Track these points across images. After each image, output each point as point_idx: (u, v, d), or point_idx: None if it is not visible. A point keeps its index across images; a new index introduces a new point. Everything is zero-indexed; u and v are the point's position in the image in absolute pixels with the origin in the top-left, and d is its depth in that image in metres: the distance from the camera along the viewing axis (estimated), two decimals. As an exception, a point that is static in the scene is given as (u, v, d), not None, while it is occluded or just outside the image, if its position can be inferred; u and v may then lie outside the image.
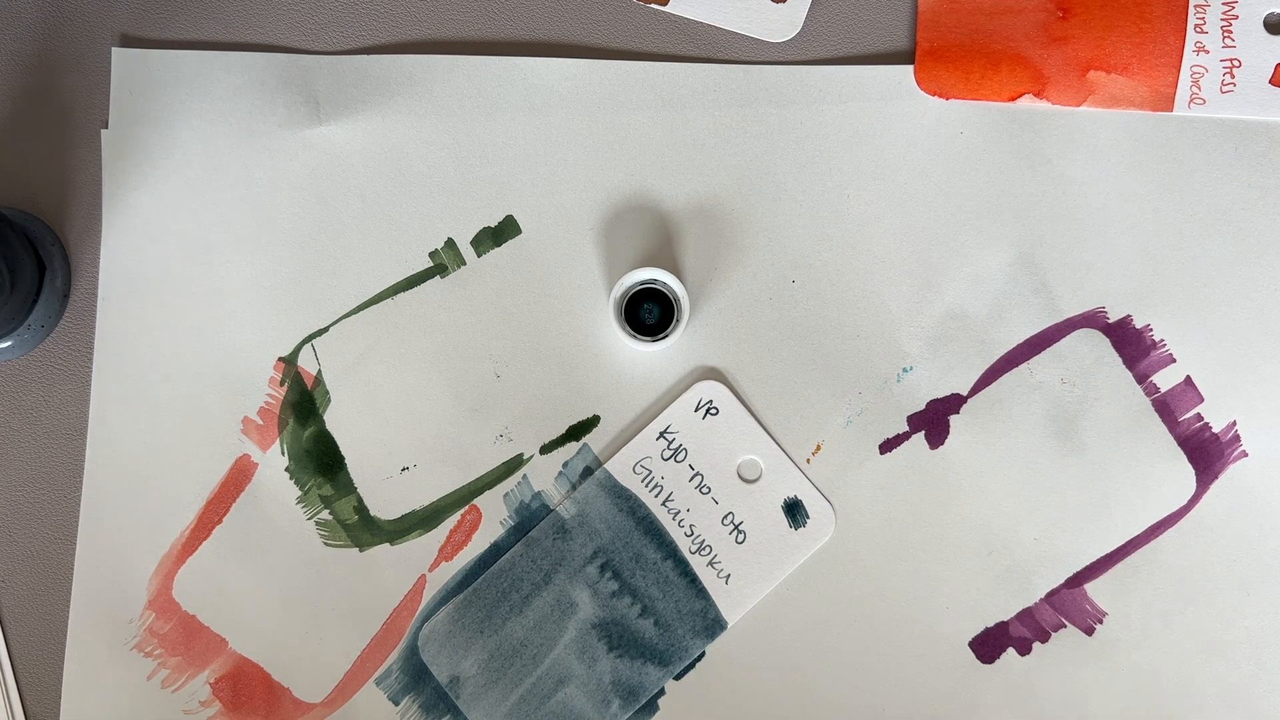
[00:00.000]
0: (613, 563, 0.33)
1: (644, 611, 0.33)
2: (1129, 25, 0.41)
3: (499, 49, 0.42)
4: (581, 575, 0.34)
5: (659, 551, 0.33)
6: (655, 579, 0.33)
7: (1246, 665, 0.40)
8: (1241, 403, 0.41)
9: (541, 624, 0.35)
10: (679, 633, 0.34)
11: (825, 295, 0.41)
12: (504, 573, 0.35)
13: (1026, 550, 0.41)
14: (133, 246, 0.41)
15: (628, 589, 0.33)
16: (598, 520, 0.33)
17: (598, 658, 0.34)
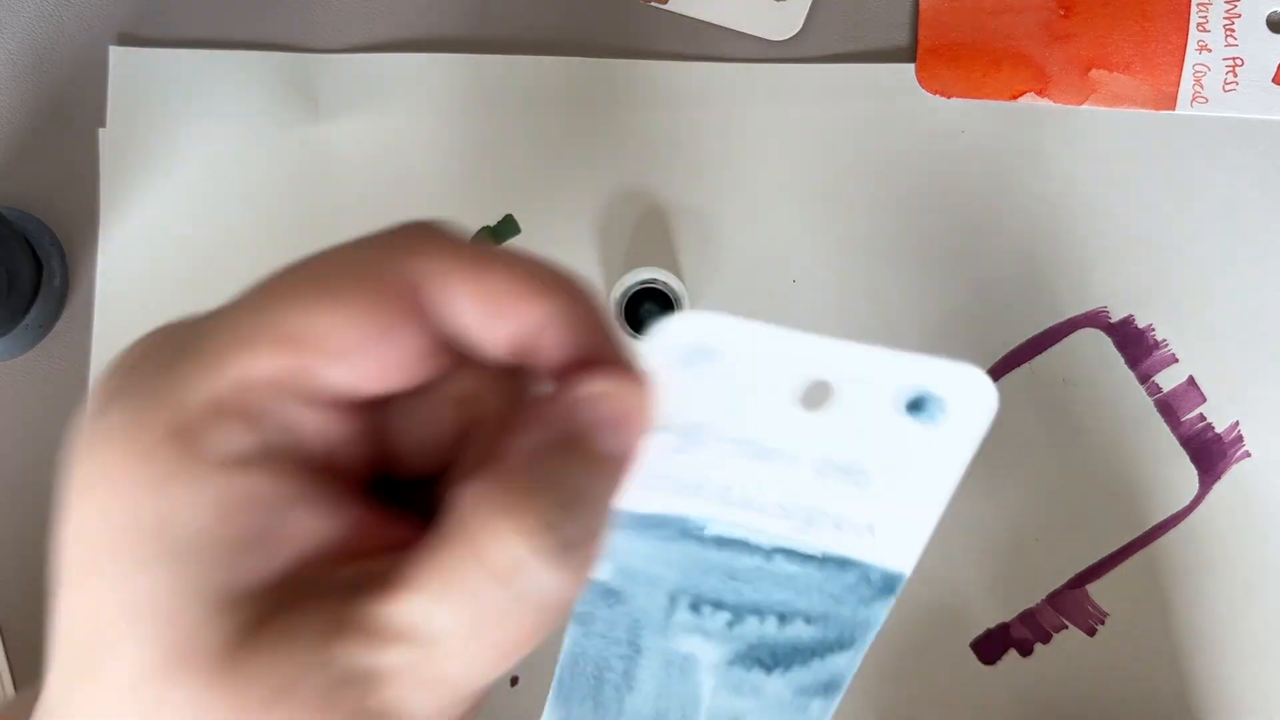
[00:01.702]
0: (703, 595, 0.24)
1: (783, 619, 0.25)
2: (1131, 24, 0.41)
3: (498, 48, 0.42)
4: (674, 625, 0.25)
5: (754, 556, 0.24)
6: (771, 583, 0.24)
7: (1249, 666, 0.40)
8: (1244, 403, 0.41)
9: (667, 689, 0.26)
10: (845, 613, 0.25)
11: (826, 295, 0.41)
12: (578, 660, 0.26)
13: (1028, 551, 0.41)
14: (130, 245, 0.41)
15: (745, 610, 0.25)
16: (649, 565, 0.24)
17: (761, 685, 0.26)
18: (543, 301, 0.20)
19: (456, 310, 0.20)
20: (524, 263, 0.21)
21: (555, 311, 0.20)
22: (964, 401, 0.20)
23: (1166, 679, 0.40)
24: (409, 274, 0.20)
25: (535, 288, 0.20)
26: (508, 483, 0.19)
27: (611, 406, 0.20)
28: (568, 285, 0.21)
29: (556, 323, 0.20)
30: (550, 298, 0.20)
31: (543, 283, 0.21)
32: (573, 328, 0.21)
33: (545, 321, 0.20)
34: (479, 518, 0.19)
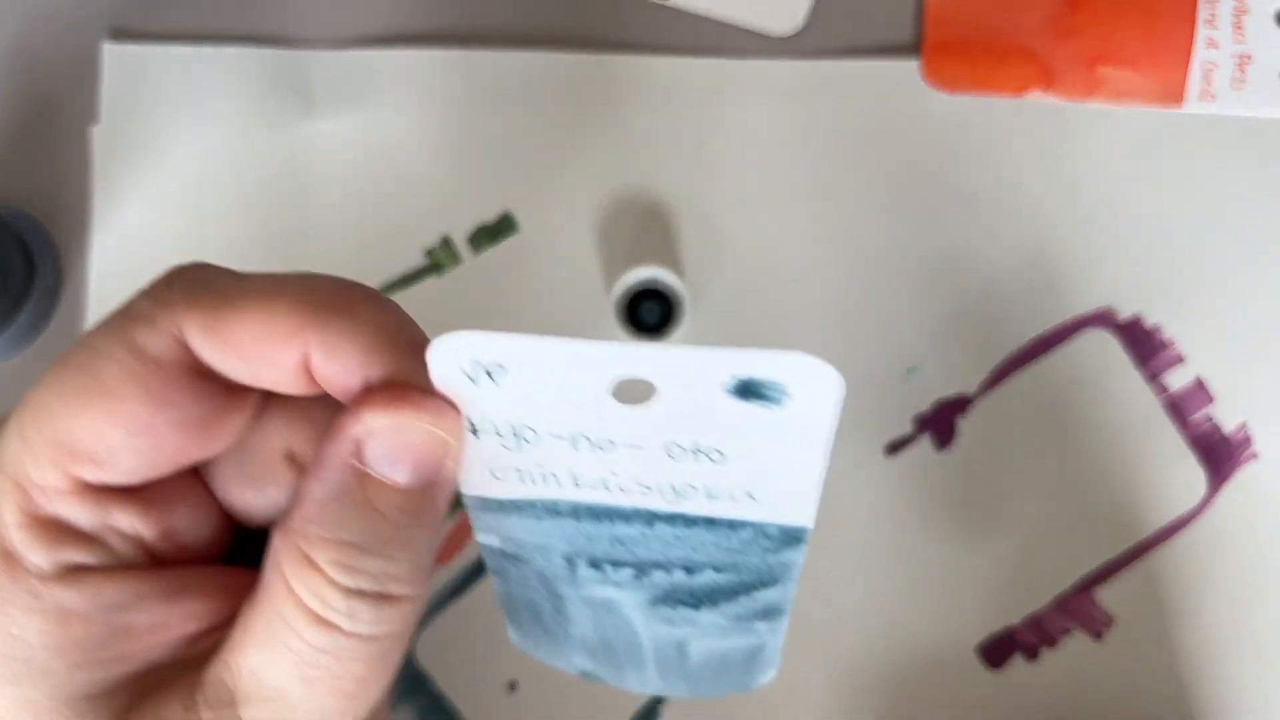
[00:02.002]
0: (598, 558, 0.23)
1: (690, 571, 0.23)
2: (1138, 19, 0.41)
3: (496, 43, 0.42)
4: (581, 580, 0.24)
5: (633, 525, 0.22)
6: (662, 544, 0.22)
7: (1258, 670, 0.40)
8: (1252, 403, 0.41)
9: (601, 622, 0.26)
10: (754, 561, 0.23)
11: (828, 294, 0.41)
12: (511, 599, 0.26)
13: (1034, 553, 0.40)
14: (124, 243, 0.41)
15: (647, 565, 0.23)
16: (533, 537, 0.23)
17: (693, 618, 0.25)
18: (298, 338, 0.20)
19: (221, 365, 0.20)
20: (272, 298, 0.20)
21: (322, 344, 0.20)
22: (804, 386, 0.19)
23: (1174, 683, 0.40)
24: (164, 341, 0.20)
25: (286, 327, 0.20)
26: (303, 530, 0.19)
27: (390, 439, 0.19)
28: (330, 307, 0.20)
29: (327, 354, 0.20)
30: (311, 331, 0.20)
31: (294, 318, 0.20)
32: (347, 353, 0.20)
33: (312, 356, 0.20)
34: (286, 567, 0.19)
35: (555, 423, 0.20)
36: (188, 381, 0.20)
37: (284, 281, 0.20)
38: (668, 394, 0.19)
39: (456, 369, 0.20)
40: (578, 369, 0.19)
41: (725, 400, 0.19)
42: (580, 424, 0.20)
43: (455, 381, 0.20)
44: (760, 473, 0.21)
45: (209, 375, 0.20)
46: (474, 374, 0.20)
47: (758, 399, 0.19)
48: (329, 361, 0.20)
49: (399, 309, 0.21)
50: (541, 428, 0.20)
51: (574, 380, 0.19)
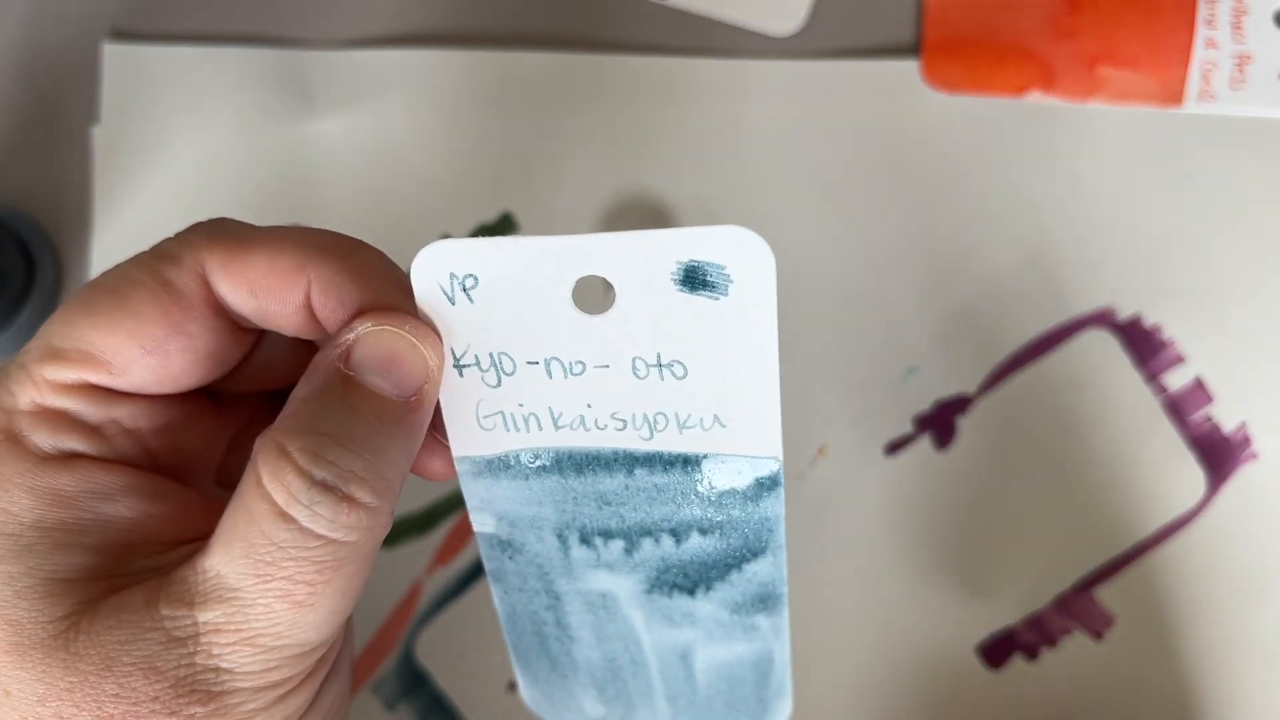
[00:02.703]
0: (588, 527, 0.24)
1: (676, 536, 0.24)
2: (1138, 19, 0.41)
3: (496, 43, 0.42)
4: (575, 564, 0.25)
5: (615, 475, 0.23)
6: (645, 500, 0.23)
7: (1259, 670, 0.40)
8: (1252, 403, 0.41)
9: (603, 631, 0.26)
10: (736, 515, 0.24)
11: (829, 294, 0.41)
12: (514, 619, 0.27)
13: (1034, 554, 0.40)
14: (124, 244, 0.41)
15: (634, 533, 0.24)
16: (524, 508, 0.24)
17: (691, 610, 0.25)
18: (302, 274, 0.22)
19: (234, 300, 0.22)
20: (280, 241, 0.22)
21: (320, 279, 0.22)
22: (742, 263, 0.20)
23: (1174, 683, 0.40)
24: (187, 276, 0.22)
25: (292, 264, 0.22)
26: (282, 424, 0.20)
27: (375, 344, 0.21)
28: (329, 250, 0.22)
29: (325, 288, 0.22)
30: (312, 267, 0.22)
31: (298, 256, 0.22)
32: (342, 287, 0.22)
33: (312, 290, 0.22)
34: (259, 457, 0.20)
35: (528, 343, 0.22)
36: (202, 314, 0.22)
37: (290, 229, 0.22)
38: (624, 294, 0.21)
39: (436, 285, 0.21)
40: (539, 264, 0.21)
41: (676, 297, 0.21)
42: (550, 342, 0.21)
43: (435, 300, 0.21)
44: (719, 384, 0.22)
45: (221, 313, 0.22)
46: (451, 291, 0.21)
47: (704, 288, 0.20)
48: (327, 296, 0.22)
49: (387, 257, 0.23)
50: (517, 352, 0.22)
51: (537, 280, 0.21)
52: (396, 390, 0.21)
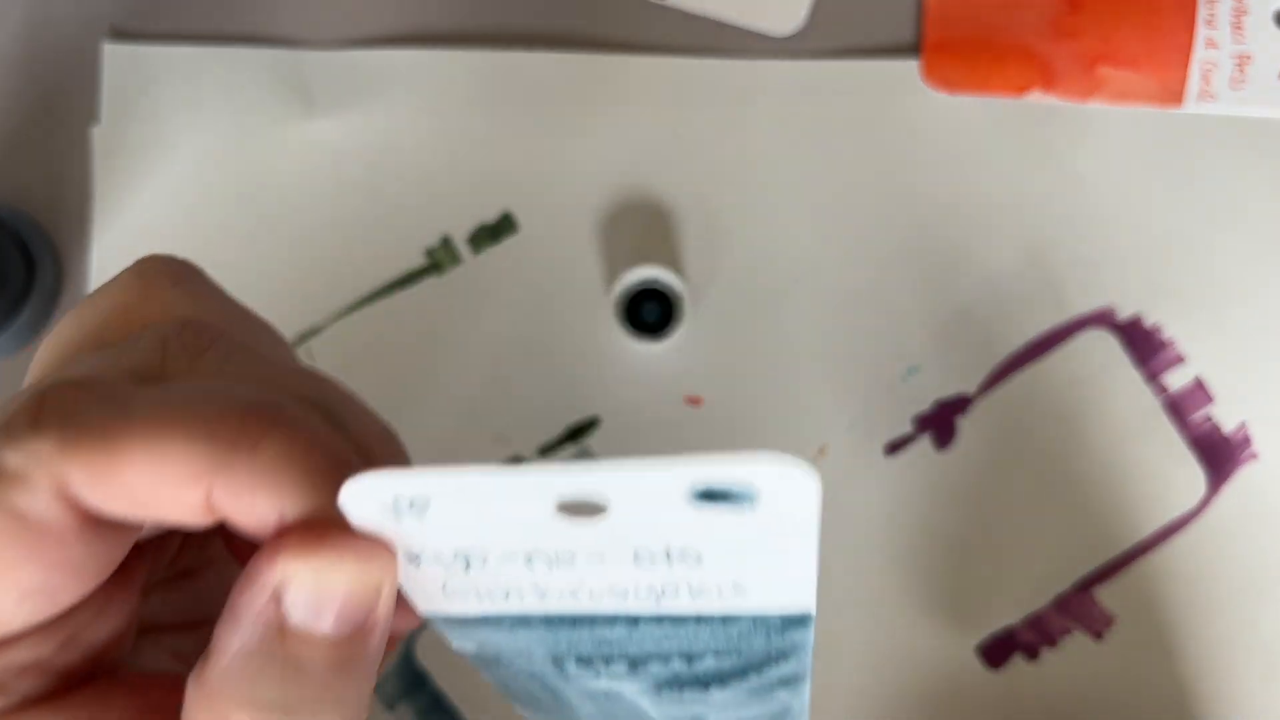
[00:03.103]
0: (586, 656, 0.20)
1: (689, 659, 0.21)
2: (1138, 19, 0.41)
3: (496, 43, 0.42)
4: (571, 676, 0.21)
5: (615, 628, 0.19)
6: (652, 641, 0.20)
7: (1258, 670, 0.40)
8: (1252, 403, 0.41)
9: (608, 709, 0.23)
10: (759, 646, 0.21)
11: (829, 294, 0.41)
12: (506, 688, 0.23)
13: (1034, 554, 0.40)
14: (124, 244, 0.41)
15: (640, 659, 0.21)
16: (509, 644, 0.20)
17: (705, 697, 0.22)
18: (199, 481, 0.17)
19: (112, 511, 0.17)
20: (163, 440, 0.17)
21: (224, 485, 0.17)
22: (774, 485, 0.17)
23: (1174, 683, 0.40)
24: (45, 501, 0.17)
25: (183, 472, 0.17)
26: (219, 689, 0.17)
27: (308, 585, 0.17)
28: (231, 443, 0.17)
29: (231, 497, 0.17)
30: (212, 474, 0.17)
31: (190, 462, 0.17)
32: (254, 494, 0.17)
33: (214, 496, 0.17)
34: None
35: (501, 545, 0.17)
36: (79, 533, 0.17)
37: (176, 412, 0.17)
38: (622, 509, 0.17)
39: (376, 509, 0.17)
40: (512, 499, 0.17)
41: (689, 508, 0.17)
42: (530, 543, 0.17)
43: (378, 519, 0.17)
44: (745, 569, 0.18)
45: (100, 523, 0.18)
46: (398, 510, 0.17)
47: (724, 502, 0.17)
48: (235, 503, 0.17)
49: (320, 427, 0.18)
50: (488, 552, 0.18)
51: (510, 509, 0.17)
52: (345, 629, 0.17)
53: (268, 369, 0.19)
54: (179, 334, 0.19)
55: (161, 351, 0.18)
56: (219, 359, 0.18)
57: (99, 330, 0.19)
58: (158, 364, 0.18)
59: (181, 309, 0.20)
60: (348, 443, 0.18)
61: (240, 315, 0.20)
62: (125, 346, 0.19)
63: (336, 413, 0.19)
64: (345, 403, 0.19)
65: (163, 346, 0.18)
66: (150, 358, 0.18)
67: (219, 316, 0.20)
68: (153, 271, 0.20)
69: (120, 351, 0.18)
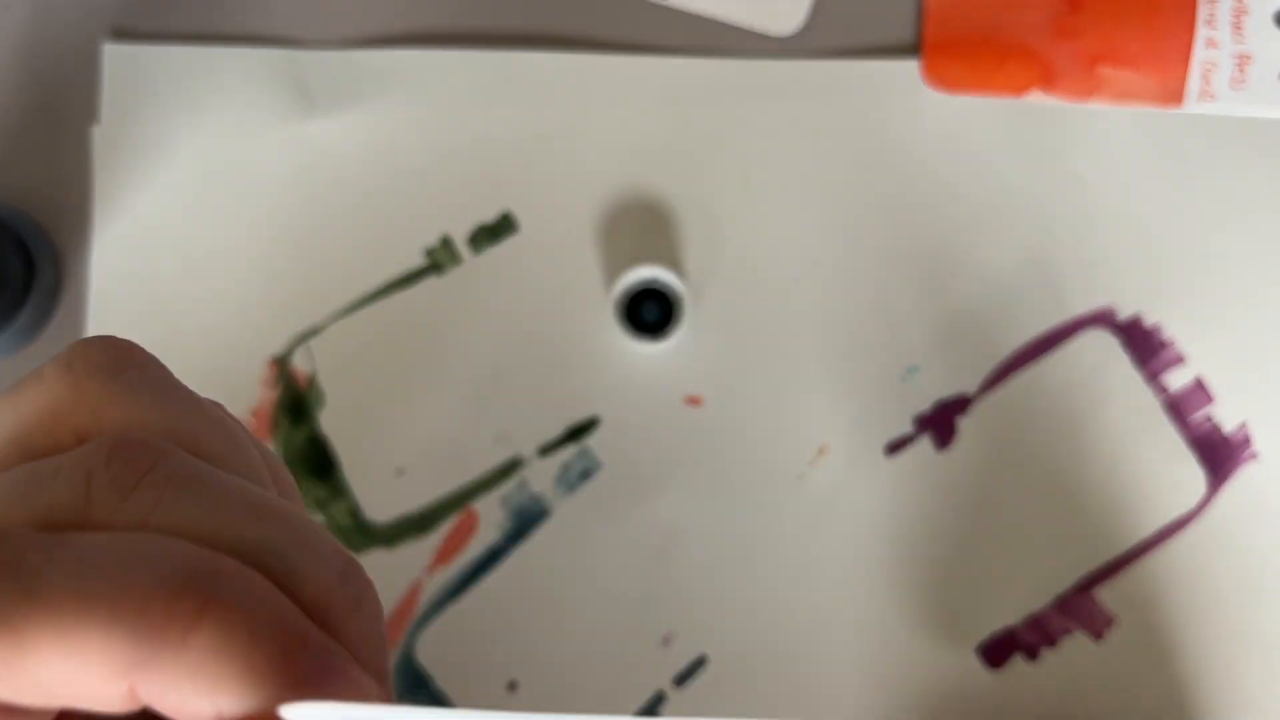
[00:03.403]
0: None
1: None
2: (1138, 19, 0.41)
3: (495, 43, 0.42)
4: None
5: None
6: None
7: (1258, 670, 0.40)
8: (1252, 402, 0.41)
9: None
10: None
11: (829, 294, 0.41)
12: None
13: (1034, 554, 0.40)
14: (124, 244, 0.41)
15: None
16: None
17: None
18: (121, 678, 0.15)
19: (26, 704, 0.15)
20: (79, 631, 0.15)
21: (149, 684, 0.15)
22: None
23: (1174, 683, 0.40)
24: None
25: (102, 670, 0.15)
26: None
27: None
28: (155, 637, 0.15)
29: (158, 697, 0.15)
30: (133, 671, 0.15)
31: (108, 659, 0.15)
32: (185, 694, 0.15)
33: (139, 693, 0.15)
34: None
35: None
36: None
37: (94, 592, 0.15)
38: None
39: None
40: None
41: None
42: None
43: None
44: None
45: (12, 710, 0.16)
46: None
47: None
48: (164, 699, 0.15)
49: (265, 598, 0.15)
50: None
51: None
52: None
53: (209, 507, 0.16)
54: (107, 464, 0.16)
55: (85, 488, 0.16)
56: (152, 498, 0.16)
57: (22, 437, 0.17)
58: (80, 505, 0.16)
59: (115, 412, 0.17)
60: (298, 605, 0.16)
61: (186, 413, 0.18)
62: (45, 473, 0.16)
63: (288, 558, 0.16)
64: (298, 541, 0.16)
65: (87, 482, 0.16)
66: (72, 497, 0.16)
67: (160, 420, 0.17)
68: (84, 364, 0.18)
69: (38, 484, 0.16)
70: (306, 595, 0.16)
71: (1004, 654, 0.40)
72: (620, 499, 0.40)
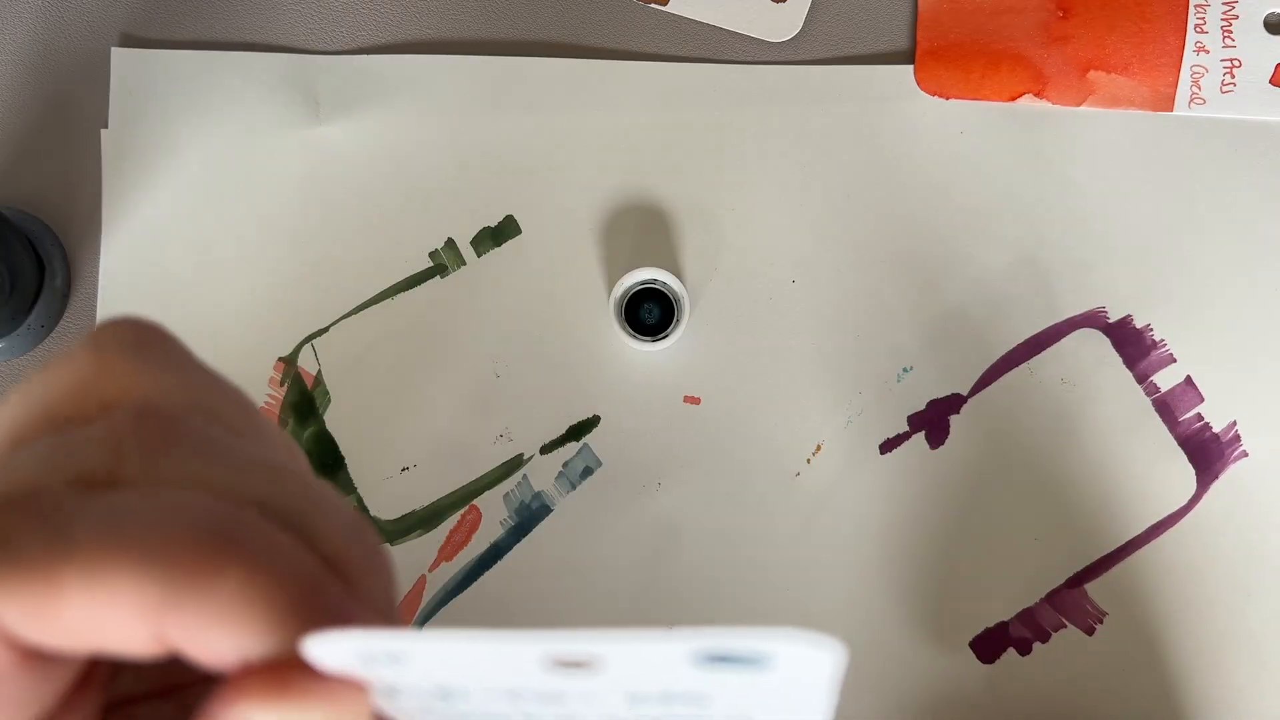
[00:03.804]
0: None
1: None
2: (1129, 25, 0.41)
3: (499, 49, 0.42)
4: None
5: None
6: None
7: (1247, 666, 0.40)
8: (1242, 402, 0.41)
9: None
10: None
11: (825, 295, 0.41)
12: None
13: (1027, 550, 0.41)
14: (132, 246, 0.41)
15: None
16: None
17: None
18: (149, 619, 0.15)
19: (55, 648, 0.16)
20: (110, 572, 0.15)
21: (178, 625, 0.15)
22: (791, 655, 0.15)
23: (1164, 677, 0.40)
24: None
25: (131, 609, 0.15)
26: None
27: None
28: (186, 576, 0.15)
29: (186, 636, 0.15)
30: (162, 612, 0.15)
31: (138, 598, 0.15)
32: (211, 633, 0.15)
33: (168, 635, 0.15)
34: None
35: (485, 686, 0.16)
36: (13, 670, 0.16)
37: (124, 538, 0.15)
38: (618, 668, 0.15)
39: (347, 658, 0.15)
40: (497, 663, 0.15)
41: (694, 670, 0.15)
42: (517, 685, 0.16)
43: (350, 666, 0.15)
44: (751, 706, 0.17)
45: (39, 659, 0.16)
46: (371, 660, 0.15)
47: (735, 664, 0.15)
48: (191, 641, 0.15)
49: (286, 549, 0.16)
50: (470, 691, 0.16)
51: (495, 670, 0.16)
52: None
53: (230, 469, 0.17)
54: (135, 430, 0.17)
55: (115, 451, 0.16)
56: (177, 461, 0.16)
57: (52, 409, 0.17)
58: (110, 466, 0.16)
59: (142, 387, 0.17)
60: (317, 557, 0.16)
61: (206, 387, 0.18)
62: (76, 441, 0.17)
63: (305, 516, 0.17)
64: (314, 502, 0.17)
65: (117, 445, 0.16)
66: (102, 459, 0.16)
67: (183, 393, 0.18)
68: (112, 342, 0.18)
69: (69, 448, 0.17)
70: (322, 552, 0.16)
71: (996, 649, 0.40)
72: (620, 496, 0.41)
